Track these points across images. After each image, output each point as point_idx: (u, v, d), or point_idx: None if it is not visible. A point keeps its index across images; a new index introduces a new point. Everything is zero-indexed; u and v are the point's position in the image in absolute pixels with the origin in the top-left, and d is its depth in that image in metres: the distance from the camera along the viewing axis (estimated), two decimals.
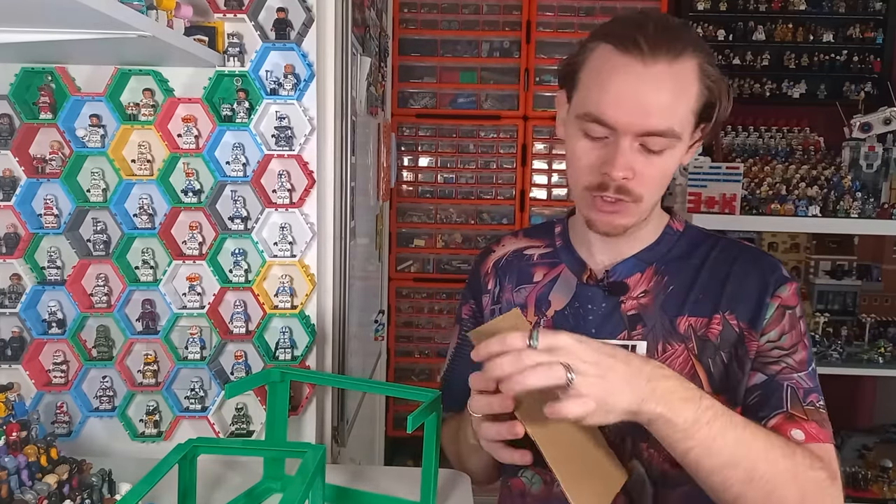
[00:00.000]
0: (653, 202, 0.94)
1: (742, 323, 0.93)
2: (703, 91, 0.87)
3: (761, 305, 0.93)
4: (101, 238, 1.19)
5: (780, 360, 0.92)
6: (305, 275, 1.21)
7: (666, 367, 0.81)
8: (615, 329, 0.97)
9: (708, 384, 0.93)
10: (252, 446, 1.14)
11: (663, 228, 1.01)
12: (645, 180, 0.88)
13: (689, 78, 0.85)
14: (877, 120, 2.37)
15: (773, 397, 0.91)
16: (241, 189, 1.20)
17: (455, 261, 3.03)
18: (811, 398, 0.91)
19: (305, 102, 1.18)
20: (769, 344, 0.93)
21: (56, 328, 1.19)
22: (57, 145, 1.16)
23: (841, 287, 2.74)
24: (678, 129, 0.86)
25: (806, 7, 2.96)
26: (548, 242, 1.08)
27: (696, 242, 1.01)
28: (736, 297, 0.94)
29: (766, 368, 0.92)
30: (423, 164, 3.00)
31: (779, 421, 0.89)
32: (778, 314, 0.93)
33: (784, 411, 0.89)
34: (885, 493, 2.41)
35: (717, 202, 2.34)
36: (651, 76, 0.82)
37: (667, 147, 0.87)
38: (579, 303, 1.00)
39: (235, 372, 1.22)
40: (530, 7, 2.87)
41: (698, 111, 0.88)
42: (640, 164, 0.87)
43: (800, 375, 0.92)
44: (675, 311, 0.95)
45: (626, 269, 0.99)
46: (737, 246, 1.00)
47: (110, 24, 0.82)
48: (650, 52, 0.82)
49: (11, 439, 0.88)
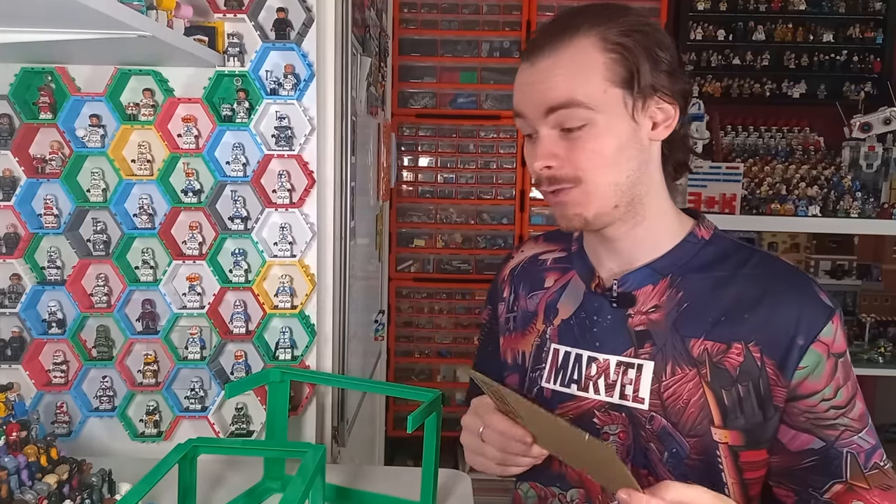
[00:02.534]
0: (609, 183, 0.85)
1: (768, 359, 0.83)
2: (613, 60, 0.83)
3: (793, 346, 0.82)
4: (101, 238, 1.19)
5: (837, 423, 0.83)
6: (305, 275, 1.21)
7: None
8: (621, 345, 0.89)
9: (720, 417, 0.84)
10: (252, 446, 1.14)
11: (685, 235, 0.91)
12: (575, 162, 0.84)
13: (585, 53, 0.83)
14: (877, 120, 2.37)
15: (832, 466, 0.83)
16: (241, 189, 1.20)
17: (455, 261, 3.03)
18: (874, 459, 0.84)
19: (305, 102, 1.18)
20: (824, 403, 0.83)
21: (56, 328, 1.19)
22: (57, 145, 1.16)
23: (841, 287, 2.74)
24: (581, 97, 0.82)
25: (806, 7, 2.96)
26: (564, 246, 1.02)
27: (724, 254, 0.89)
28: (765, 327, 0.83)
29: (822, 432, 0.83)
30: (423, 164, 3.00)
31: (839, 491, 0.83)
32: (829, 367, 0.82)
33: (843, 482, 0.83)
34: None
35: (717, 202, 2.34)
36: (540, 67, 0.85)
37: (585, 122, 0.83)
38: (585, 313, 0.93)
39: (235, 372, 1.22)
40: (530, 7, 2.87)
41: (619, 81, 0.83)
42: (563, 147, 0.84)
43: (860, 436, 0.83)
44: (689, 331, 0.86)
45: (638, 279, 0.90)
46: (775, 264, 0.88)
47: (110, 24, 0.82)
48: (534, 51, 0.85)
49: (11, 439, 0.88)
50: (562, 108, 0.83)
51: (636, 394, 0.87)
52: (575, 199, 0.85)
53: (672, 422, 0.86)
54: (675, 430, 0.86)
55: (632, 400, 0.87)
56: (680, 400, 0.85)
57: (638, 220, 0.89)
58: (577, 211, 0.86)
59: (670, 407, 0.86)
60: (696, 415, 0.85)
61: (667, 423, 0.86)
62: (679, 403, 0.85)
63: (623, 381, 0.88)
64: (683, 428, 0.85)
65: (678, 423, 0.85)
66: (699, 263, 0.89)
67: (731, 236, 0.93)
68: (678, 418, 0.85)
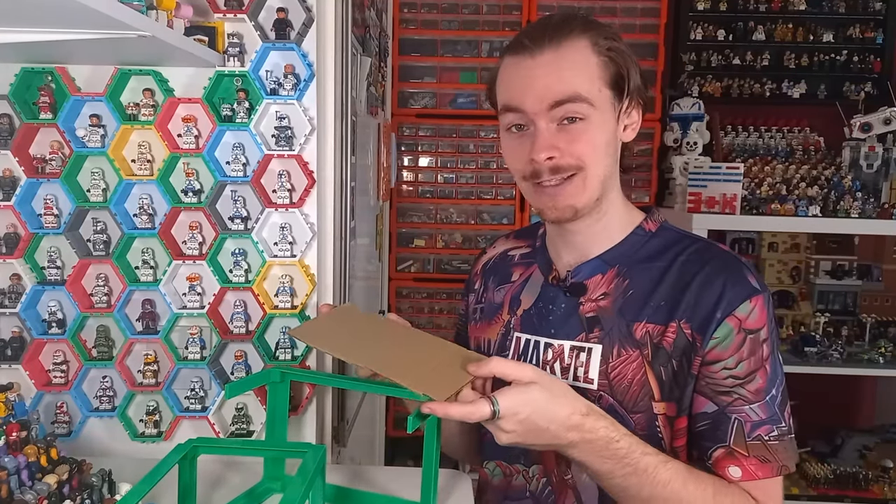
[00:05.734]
0: (599, 175, 0.92)
1: (696, 334, 0.90)
2: (604, 62, 0.90)
3: (712, 319, 0.89)
4: (101, 238, 1.19)
5: (732, 391, 0.90)
6: (305, 275, 1.21)
7: (598, 425, 0.82)
8: (573, 330, 0.97)
9: (658, 391, 0.92)
10: (252, 446, 1.14)
11: (633, 228, 0.99)
12: (577, 152, 0.90)
13: (581, 52, 0.90)
14: (877, 120, 2.37)
15: (719, 430, 0.90)
16: (241, 189, 1.20)
17: (455, 261, 3.03)
18: (759, 431, 0.89)
19: (305, 102, 1.18)
20: (724, 371, 0.90)
21: (56, 328, 1.19)
22: (57, 145, 1.16)
23: (841, 287, 2.74)
24: (584, 93, 0.88)
25: (806, 7, 2.96)
26: (530, 243, 1.11)
27: (666, 245, 0.97)
28: (693, 304, 0.91)
29: (717, 398, 0.90)
30: (423, 164, 3.00)
31: (719, 455, 0.90)
32: (738, 340, 0.89)
33: (725, 446, 0.89)
34: (886, 493, 2.41)
35: (718, 202, 2.34)
36: (542, 61, 0.90)
37: (584, 115, 0.89)
38: (543, 303, 1.01)
39: (235, 372, 1.22)
40: (530, 7, 2.87)
41: (609, 82, 0.91)
42: (563, 140, 0.90)
43: (751, 407, 0.89)
44: (632, 315, 0.94)
45: (589, 269, 0.98)
46: (710, 251, 0.96)
47: (110, 24, 0.82)
48: (535, 46, 0.90)
49: (11, 439, 0.88)
50: (569, 101, 0.89)
51: (586, 375, 0.95)
52: (573, 190, 0.92)
53: (618, 400, 0.93)
54: (622, 407, 0.93)
55: (583, 381, 0.95)
56: (625, 379, 0.93)
57: (600, 215, 0.97)
58: (570, 202, 0.93)
59: (616, 386, 0.94)
60: (638, 392, 0.93)
61: (613, 401, 0.93)
62: (624, 382, 0.93)
63: (576, 365, 0.96)
64: (628, 405, 0.93)
65: (623, 401, 0.93)
66: (645, 254, 0.97)
67: (678, 228, 1.02)
68: (623, 396, 0.93)
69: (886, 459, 2.49)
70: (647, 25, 2.85)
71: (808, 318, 2.63)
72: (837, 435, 2.62)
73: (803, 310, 2.74)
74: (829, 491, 2.41)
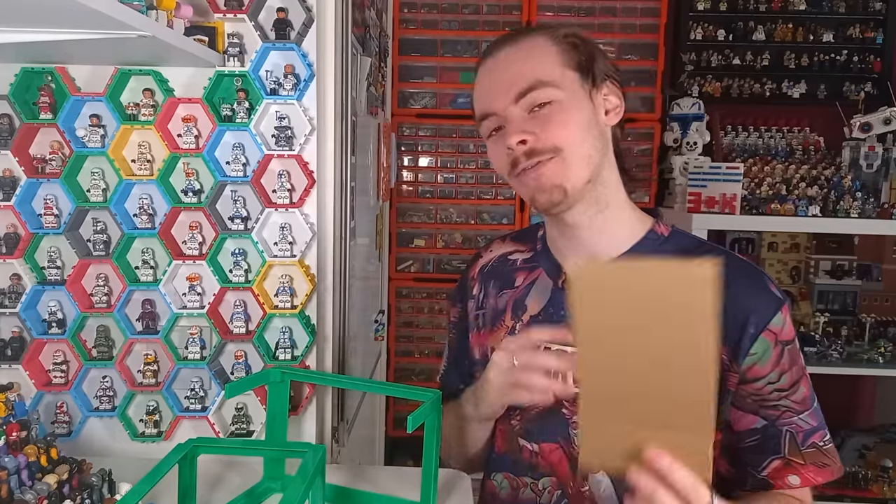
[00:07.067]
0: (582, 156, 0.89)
1: (723, 348, 0.86)
2: (564, 49, 0.91)
3: (745, 335, 0.87)
4: (101, 238, 1.19)
5: (779, 404, 0.89)
6: (305, 275, 1.21)
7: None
8: None
9: None
10: (252, 446, 1.14)
11: (645, 232, 0.96)
12: (550, 133, 0.89)
13: (540, 44, 0.92)
14: (877, 120, 2.37)
15: (772, 443, 0.89)
16: (241, 189, 1.20)
17: (455, 261, 3.03)
18: (813, 439, 0.89)
19: (305, 102, 1.18)
20: (769, 386, 0.88)
21: (56, 328, 1.19)
22: (57, 145, 1.16)
23: (841, 287, 2.74)
24: (546, 78, 0.89)
25: (806, 7, 2.96)
26: (530, 246, 1.07)
27: (682, 251, 0.94)
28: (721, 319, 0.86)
29: (765, 412, 0.89)
30: (423, 164, 2.99)
31: (777, 466, 0.89)
32: (776, 353, 0.88)
33: (781, 457, 0.89)
34: (886, 493, 2.41)
35: (717, 202, 2.34)
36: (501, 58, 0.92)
37: (553, 98, 0.89)
38: (553, 308, 0.98)
39: (235, 372, 1.22)
40: (530, 7, 2.87)
41: (573, 66, 0.91)
42: (536, 125, 0.90)
43: (801, 417, 0.89)
44: None
45: None
46: (730, 260, 0.91)
47: (110, 24, 0.82)
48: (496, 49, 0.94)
49: (11, 439, 0.88)
50: (531, 89, 0.89)
51: None
52: (553, 170, 0.90)
53: None
54: None
55: None
56: None
57: (601, 206, 0.94)
58: (556, 182, 0.90)
59: None
60: None
61: None
62: None
63: None
64: None
65: None
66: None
67: (688, 233, 0.99)
68: None
69: (886, 459, 2.50)
70: (647, 25, 2.85)
71: (808, 318, 2.63)
72: (837, 435, 2.62)
73: (803, 310, 2.74)
74: (828, 490, 2.41)
